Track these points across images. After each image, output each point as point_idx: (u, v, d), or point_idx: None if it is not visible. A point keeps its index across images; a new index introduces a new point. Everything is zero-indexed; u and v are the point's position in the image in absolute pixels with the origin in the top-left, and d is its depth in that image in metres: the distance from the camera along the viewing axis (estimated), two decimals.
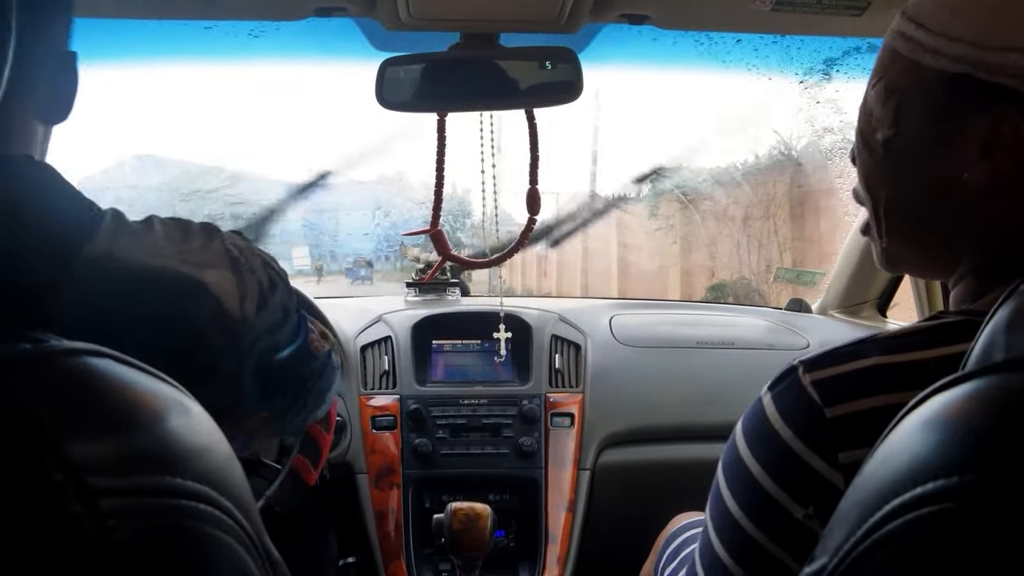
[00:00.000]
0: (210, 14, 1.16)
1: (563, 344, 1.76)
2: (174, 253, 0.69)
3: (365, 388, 1.67)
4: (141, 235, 0.68)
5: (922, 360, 0.60)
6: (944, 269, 0.72)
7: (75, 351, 0.39)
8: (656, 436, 1.68)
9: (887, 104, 0.68)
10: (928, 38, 0.64)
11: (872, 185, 0.73)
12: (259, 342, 0.77)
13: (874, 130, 0.70)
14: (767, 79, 1.57)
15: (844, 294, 2.05)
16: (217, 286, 0.71)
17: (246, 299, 0.74)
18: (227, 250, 0.74)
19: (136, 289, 0.66)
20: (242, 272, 0.74)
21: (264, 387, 0.81)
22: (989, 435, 0.38)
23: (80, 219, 0.64)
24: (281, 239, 6.62)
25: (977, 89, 0.61)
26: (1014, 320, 0.47)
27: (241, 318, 0.73)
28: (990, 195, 0.63)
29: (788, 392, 0.63)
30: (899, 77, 0.68)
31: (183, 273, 0.69)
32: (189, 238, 0.71)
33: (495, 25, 1.21)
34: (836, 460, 0.59)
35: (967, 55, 0.61)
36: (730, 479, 0.67)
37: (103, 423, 0.38)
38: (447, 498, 1.57)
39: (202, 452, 0.42)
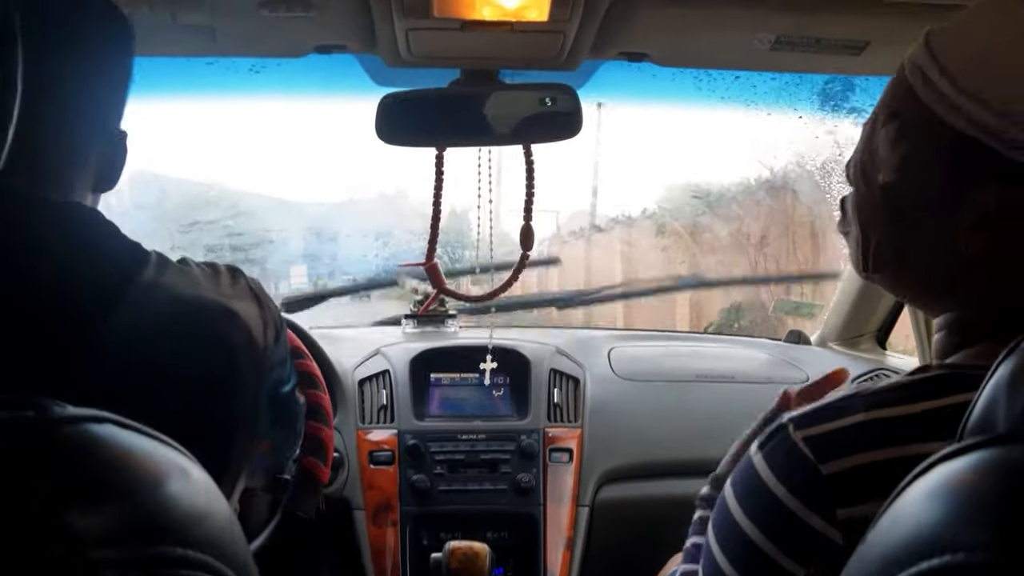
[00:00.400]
0: (211, 51, 1.16)
1: (561, 378, 1.75)
2: (210, 286, 0.80)
3: (363, 422, 1.65)
4: (182, 271, 0.80)
5: (910, 415, 0.60)
6: (926, 309, 0.73)
7: (76, 418, 0.39)
8: (656, 471, 1.66)
9: (895, 149, 0.67)
10: (951, 90, 0.61)
11: (865, 221, 0.72)
12: (272, 372, 0.88)
13: (877, 169, 0.69)
14: (766, 114, 1.58)
15: (843, 326, 2.05)
16: (247, 316, 0.82)
17: (267, 330, 0.85)
18: (251, 287, 0.86)
19: (181, 312, 0.76)
20: (264, 307, 0.86)
21: (272, 415, 0.92)
22: (995, 510, 0.38)
23: (132, 254, 0.75)
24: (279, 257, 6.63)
25: (988, 158, 0.60)
26: (1015, 379, 0.47)
27: (264, 347, 0.84)
28: (982, 264, 0.63)
29: (779, 449, 0.63)
30: (912, 123, 0.66)
31: (219, 302, 0.80)
32: (220, 276, 0.83)
33: (495, 62, 1.22)
34: (834, 517, 0.58)
35: (989, 123, 0.59)
36: (724, 542, 0.66)
37: (103, 492, 0.38)
38: (445, 535, 1.55)
39: (202, 517, 0.41)
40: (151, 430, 0.43)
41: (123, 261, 0.74)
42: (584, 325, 7.68)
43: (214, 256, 2.83)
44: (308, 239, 7.66)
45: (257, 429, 0.88)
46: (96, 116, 0.78)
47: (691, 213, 5.99)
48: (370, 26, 1.08)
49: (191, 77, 1.29)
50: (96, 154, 0.79)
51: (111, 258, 0.74)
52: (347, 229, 7.17)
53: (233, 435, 0.81)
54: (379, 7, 1.02)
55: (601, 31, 1.11)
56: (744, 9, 1.08)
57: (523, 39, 1.12)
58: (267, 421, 0.91)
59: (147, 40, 1.04)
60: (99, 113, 0.79)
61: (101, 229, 0.75)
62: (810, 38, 1.15)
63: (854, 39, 1.14)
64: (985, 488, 0.40)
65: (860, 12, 1.08)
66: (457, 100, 1.26)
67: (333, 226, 7.29)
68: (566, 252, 9.04)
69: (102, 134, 0.79)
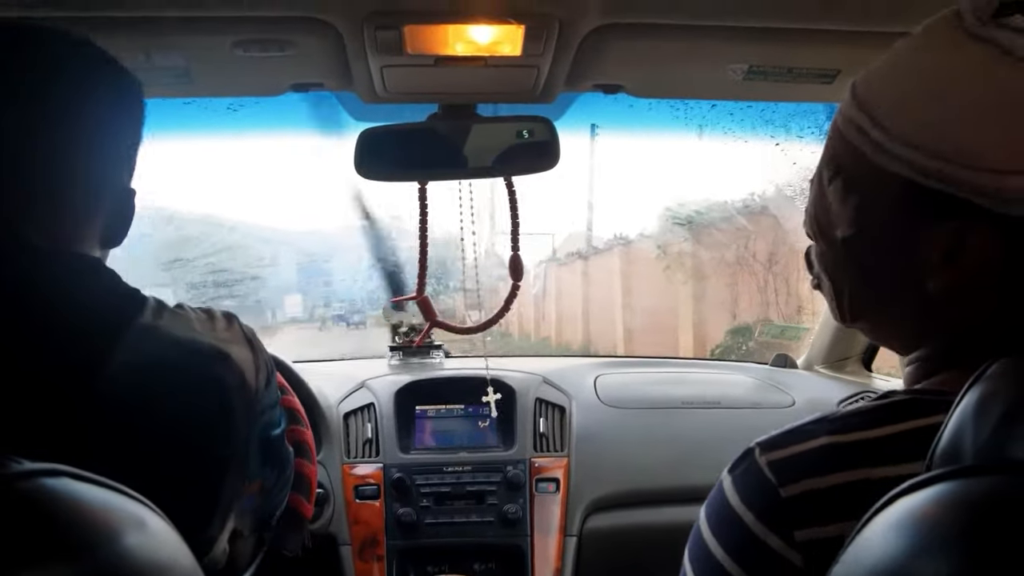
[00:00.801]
0: (187, 92, 1.17)
1: (547, 407, 1.74)
2: (205, 330, 0.84)
3: (348, 456, 1.64)
4: (178, 315, 0.83)
5: (872, 439, 0.61)
6: (901, 346, 0.73)
7: (31, 473, 0.39)
8: (643, 499, 1.66)
9: (846, 202, 0.67)
10: (886, 140, 0.62)
11: (834, 275, 0.73)
12: (264, 415, 0.90)
13: (834, 225, 0.69)
14: (743, 142, 1.60)
15: (829, 349, 2.06)
16: (240, 359, 0.85)
17: (259, 373, 0.88)
18: (244, 333, 0.89)
19: (177, 354, 0.79)
20: (256, 351, 0.89)
21: (263, 457, 0.94)
22: (958, 544, 0.38)
23: (131, 299, 0.79)
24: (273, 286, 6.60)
25: (940, 200, 0.60)
26: (980, 408, 0.47)
27: (255, 389, 0.87)
28: (952, 299, 0.64)
29: (747, 474, 0.64)
30: (858, 175, 0.66)
31: (214, 345, 0.83)
32: (215, 321, 0.87)
33: (471, 97, 1.23)
34: (792, 539, 0.59)
35: (928, 167, 0.60)
36: (694, 560, 0.67)
37: (55, 548, 0.38)
38: (432, 569, 1.54)
39: (162, 570, 0.41)
40: (108, 481, 0.43)
41: (122, 306, 0.78)
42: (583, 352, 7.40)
43: (196, 292, 2.83)
44: (302, 268, 7.63)
45: (248, 470, 0.90)
46: (106, 173, 0.82)
47: (693, 232, 5.77)
48: (345, 64, 1.08)
49: (168, 117, 1.29)
50: (105, 210, 0.82)
51: (110, 303, 0.78)
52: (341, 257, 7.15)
53: (224, 474, 0.82)
54: (353, 46, 1.03)
55: (575, 64, 1.12)
56: (716, 40, 1.09)
57: (498, 73, 1.13)
58: (257, 462, 0.93)
59: None
60: (108, 171, 0.82)
61: (102, 277, 0.80)
62: (782, 68, 1.16)
63: (826, 68, 1.16)
64: (948, 521, 0.40)
65: (831, 42, 1.09)
66: (435, 134, 1.26)
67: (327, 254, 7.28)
68: (563, 274, 8.94)
69: (112, 191, 0.83)
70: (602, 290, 8.00)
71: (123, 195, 0.85)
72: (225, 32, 1.01)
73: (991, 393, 0.48)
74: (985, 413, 0.47)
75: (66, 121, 0.77)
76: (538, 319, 9.68)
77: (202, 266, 2.90)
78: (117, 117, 0.83)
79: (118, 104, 0.83)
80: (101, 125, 0.80)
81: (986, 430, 0.46)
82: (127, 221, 0.86)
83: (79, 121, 0.78)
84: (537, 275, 8.84)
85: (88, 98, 0.79)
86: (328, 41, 1.03)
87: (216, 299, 2.99)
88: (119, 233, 0.86)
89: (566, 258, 8.59)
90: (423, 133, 1.26)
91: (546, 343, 8.97)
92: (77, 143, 0.78)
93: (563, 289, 8.91)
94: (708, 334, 6.29)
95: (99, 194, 0.82)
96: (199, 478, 0.80)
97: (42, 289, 0.74)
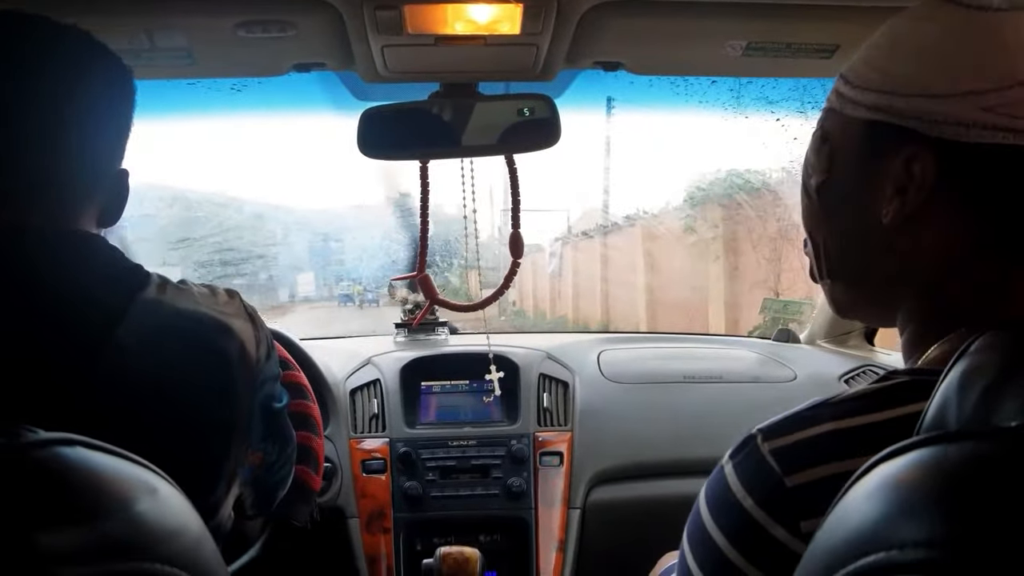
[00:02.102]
0: (191, 73, 1.18)
1: (551, 382, 1.76)
2: (208, 304, 0.87)
3: (355, 431, 1.67)
4: (181, 290, 0.86)
5: (874, 423, 0.60)
6: (888, 316, 0.75)
7: (46, 442, 0.41)
8: (645, 472, 1.68)
9: (820, 151, 0.74)
10: (849, 90, 0.70)
11: (812, 229, 0.77)
12: (265, 386, 0.94)
13: (809, 176, 0.75)
14: (744, 118, 1.60)
15: (831, 324, 2.07)
16: (241, 331, 0.88)
17: (260, 346, 0.92)
18: (245, 307, 0.93)
19: (181, 325, 0.83)
20: (257, 324, 0.93)
21: (264, 428, 0.98)
22: (932, 508, 0.39)
23: (135, 274, 0.82)
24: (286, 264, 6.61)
25: (890, 133, 0.66)
26: (964, 381, 0.48)
27: (256, 360, 0.90)
28: (905, 233, 0.67)
29: (748, 461, 0.64)
30: (831, 127, 0.73)
31: (216, 318, 0.86)
32: (217, 295, 0.90)
33: (472, 75, 1.23)
34: (798, 529, 0.59)
35: (879, 103, 0.66)
36: (695, 548, 0.67)
37: (72, 513, 0.39)
38: (438, 541, 1.57)
39: (171, 534, 0.43)
40: (121, 450, 0.45)
41: (127, 280, 0.81)
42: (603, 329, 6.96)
43: (204, 271, 2.85)
44: (315, 246, 7.62)
45: (250, 439, 0.94)
46: (102, 155, 0.85)
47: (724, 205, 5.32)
48: (346, 44, 1.09)
49: (173, 98, 1.30)
50: (102, 191, 0.86)
51: (115, 278, 0.81)
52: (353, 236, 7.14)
53: (228, 441, 0.86)
54: (353, 25, 1.03)
55: (574, 42, 1.13)
56: (715, 17, 1.10)
57: (497, 52, 1.14)
58: (259, 433, 0.97)
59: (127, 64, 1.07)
60: (104, 152, 0.85)
61: (105, 253, 0.82)
62: (781, 43, 1.16)
63: (824, 43, 1.16)
64: (923, 486, 0.40)
65: (829, 17, 1.09)
66: (436, 113, 1.27)
67: (340, 233, 7.27)
68: (580, 252, 8.63)
69: (107, 173, 0.86)
70: (622, 267, 7.65)
71: (118, 176, 0.88)
72: (227, 13, 1.02)
73: (974, 368, 0.49)
74: (969, 387, 0.47)
75: (61, 104, 0.79)
76: (554, 297, 9.41)
77: (210, 245, 2.91)
78: (110, 100, 0.85)
79: (111, 87, 0.85)
80: (95, 107, 0.82)
81: (969, 404, 0.46)
82: (123, 201, 0.89)
83: (73, 104, 0.80)
84: (553, 252, 8.62)
85: (81, 81, 0.81)
86: (329, 21, 1.03)
87: (224, 277, 3.01)
88: (115, 213, 0.89)
89: (583, 235, 8.28)
90: (424, 112, 1.27)
91: (563, 322, 8.66)
92: (73, 125, 0.80)
93: (580, 267, 8.59)
94: (743, 314, 5.83)
95: (96, 175, 0.85)
96: (204, 444, 0.83)
97: (45, 267, 0.76)
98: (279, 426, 1.04)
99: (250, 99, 1.34)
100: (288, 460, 1.10)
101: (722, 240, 6.01)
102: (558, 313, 9.04)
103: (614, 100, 1.95)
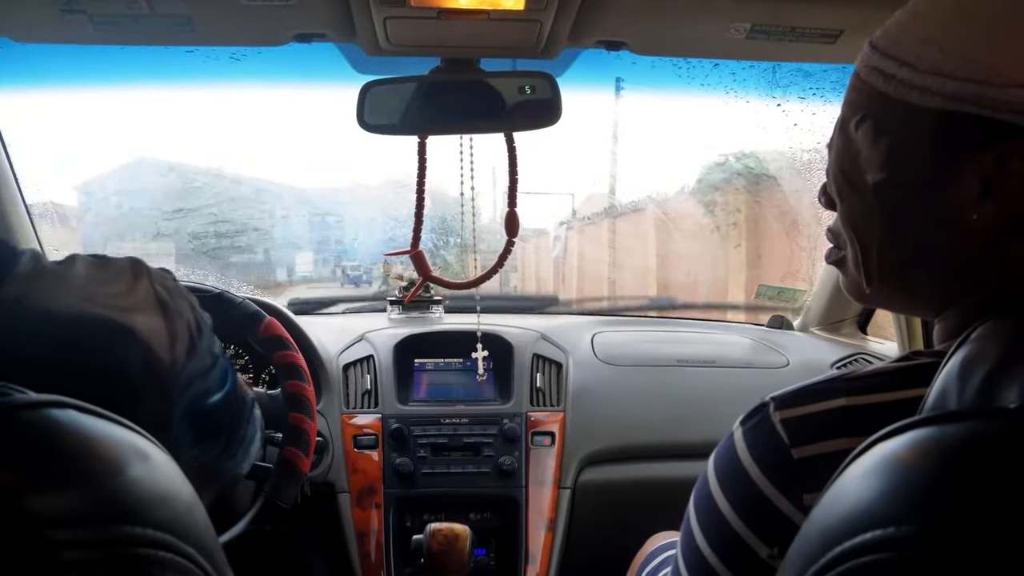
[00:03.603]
0: (190, 40, 1.17)
1: (544, 363, 1.77)
2: (99, 297, 0.66)
3: (347, 407, 1.67)
4: (60, 277, 0.66)
5: (888, 402, 0.59)
6: (930, 308, 0.69)
7: (36, 403, 0.40)
8: (636, 455, 1.69)
9: (876, 145, 0.65)
10: (915, 76, 0.61)
11: (863, 229, 0.69)
12: (190, 387, 0.74)
13: (862, 172, 0.67)
14: (745, 102, 1.59)
15: (824, 311, 2.07)
16: (146, 331, 0.67)
17: (176, 344, 0.71)
18: (156, 292, 0.71)
19: (56, 335, 0.62)
20: (172, 316, 0.71)
21: (197, 432, 0.77)
22: (928, 487, 0.39)
23: None
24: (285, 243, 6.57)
25: (977, 126, 0.58)
26: (966, 367, 0.48)
27: (172, 363, 0.70)
28: (995, 235, 0.60)
29: (758, 429, 0.63)
30: (887, 117, 0.64)
31: (107, 317, 0.65)
32: (114, 280, 0.69)
33: (474, 51, 1.22)
34: (801, 502, 0.59)
35: (964, 92, 0.58)
36: (700, 513, 0.67)
37: (63, 475, 0.39)
38: (428, 517, 1.58)
39: (163, 499, 0.43)
40: (112, 415, 0.44)
41: None
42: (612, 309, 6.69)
43: (198, 243, 2.83)
44: (314, 226, 7.56)
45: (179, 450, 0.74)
46: None
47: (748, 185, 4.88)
48: (348, 15, 1.08)
49: (171, 65, 1.29)
50: None
51: None
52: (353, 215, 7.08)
53: None
54: None
55: (578, 20, 1.12)
56: None
57: (500, 27, 1.13)
58: (189, 440, 0.76)
59: (125, 29, 1.06)
60: None
61: None
62: (785, 27, 1.16)
63: (828, 27, 1.15)
64: (918, 465, 0.41)
65: (833, 1, 1.09)
66: (437, 88, 1.26)
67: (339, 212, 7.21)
68: (586, 237, 8.46)
69: None
70: (632, 253, 7.22)
71: None
72: None
73: (975, 355, 0.49)
74: (970, 373, 0.47)
75: None
76: (557, 283, 9.21)
77: (205, 216, 2.89)
78: None
79: None
80: None
81: (970, 389, 0.46)
82: None
83: None
84: (557, 236, 8.40)
85: None
86: None
87: (218, 249, 2.99)
88: None
89: (589, 219, 8.07)
90: (425, 87, 1.26)
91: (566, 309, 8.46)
92: None
93: (586, 251, 8.39)
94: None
95: None
96: None
97: None
98: (217, 421, 0.84)
99: (249, 69, 1.33)
100: (242, 442, 0.92)
101: (745, 225, 5.49)
102: (562, 299, 8.83)
103: (623, 81, 1.94)
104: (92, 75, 1.32)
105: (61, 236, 1.85)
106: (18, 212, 1.63)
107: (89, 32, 1.09)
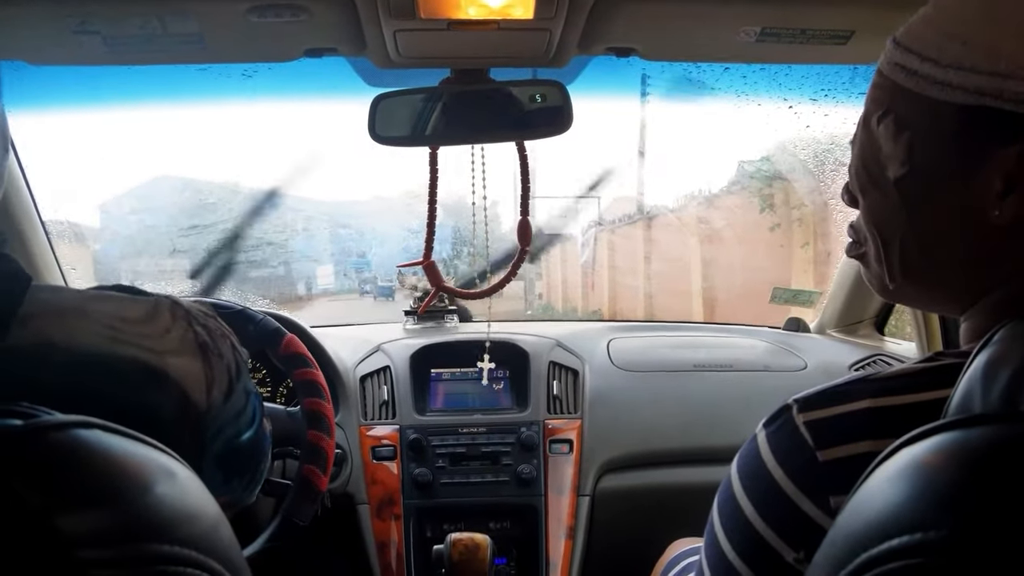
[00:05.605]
0: (202, 58, 1.18)
1: (561, 370, 1.76)
2: (129, 336, 0.61)
3: (365, 419, 1.67)
4: (85, 314, 0.61)
5: (913, 404, 0.59)
6: (955, 305, 0.69)
7: (64, 424, 0.41)
8: (655, 461, 1.68)
9: (898, 140, 0.65)
10: (938, 71, 0.61)
11: (884, 224, 0.69)
12: (223, 432, 0.70)
13: (884, 167, 0.66)
14: (756, 104, 1.59)
15: (841, 313, 2.06)
16: (181, 375, 0.63)
17: (213, 388, 0.67)
18: (195, 334, 0.67)
19: (80, 377, 0.57)
20: (211, 359, 0.67)
21: (226, 473, 0.74)
22: (955, 491, 0.39)
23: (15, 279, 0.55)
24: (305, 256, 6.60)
25: (1000, 120, 0.58)
26: (989, 369, 0.47)
27: (207, 408, 0.66)
28: (1018, 231, 0.60)
29: (782, 431, 0.63)
30: (909, 112, 0.64)
31: (139, 359, 0.61)
32: (148, 320, 0.64)
33: (484, 61, 1.23)
34: (827, 504, 0.58)
35: (987, 86, 0.57)
36: (724, 517, 0.66)
37: (91, 495, 0.39)
38: (448, 527, 1.58)
39: (189, 517, 0.43)
40: (137, 434, 0.45)
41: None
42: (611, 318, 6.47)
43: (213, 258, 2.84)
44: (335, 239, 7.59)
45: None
46: None
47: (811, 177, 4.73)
48: (358, 28, 1.09)
49: (185, 84, 1.30)
50: None
51: None
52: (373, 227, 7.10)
53: None
54: (366, 9, 1.03)
55: (587, 27, 1.12)
56: (729, 2, 1.09)
57: (510, 37, 1.13)
58: (219, 482, 0.72)
59: (138, 49, 1.07)
60: None
61: None
62: (795, 29, 1.15)
63: (839, 29, 1.15)
64: (944, 470, 0.40)
65: (844, 2, 1.08)
66: (448, 99, 1.26)
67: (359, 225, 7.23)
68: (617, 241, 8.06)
69: None
70: (669, 258, 6.86)
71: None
72: None
73: (1000, 356, 0.48)
74: (994, 376, 0.47)
75: None
76: (587, 290, 8.79)
77: (220, 232, 2.91)
78: None
79: None
80: None
81: (995, 392, 0.46)
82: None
83: None
84: (585, 242, 8.03)
85: None
86: (341, 6, 1.03)
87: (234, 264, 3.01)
88: None
89: (618, 222, 7.74)
90: (436, 98, 1.26)
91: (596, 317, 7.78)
92: None
93: (617, 258, 7.93)
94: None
95: None
96: None
97: None
98: (246, 458, 0.79)
99: (262, 85, 1.34)
100: (261, 474, 0.86)
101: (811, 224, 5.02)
102: (591, 307, 8.22)
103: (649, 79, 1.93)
104: (108, 96, 1.33)
105: (78, 253, 1.87)
106: (35, 230, 1.65)
107: (102, 53, 1.10)
